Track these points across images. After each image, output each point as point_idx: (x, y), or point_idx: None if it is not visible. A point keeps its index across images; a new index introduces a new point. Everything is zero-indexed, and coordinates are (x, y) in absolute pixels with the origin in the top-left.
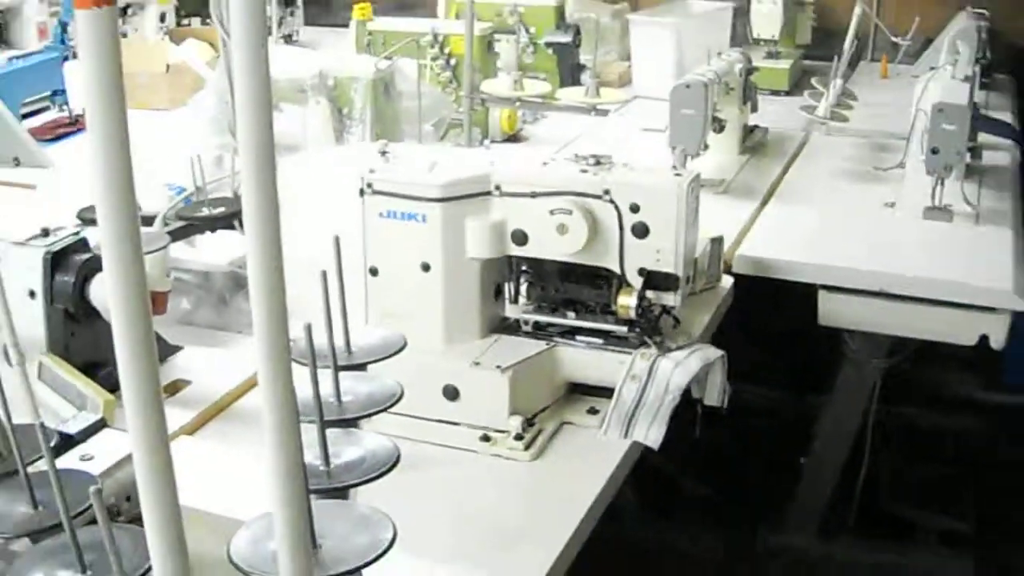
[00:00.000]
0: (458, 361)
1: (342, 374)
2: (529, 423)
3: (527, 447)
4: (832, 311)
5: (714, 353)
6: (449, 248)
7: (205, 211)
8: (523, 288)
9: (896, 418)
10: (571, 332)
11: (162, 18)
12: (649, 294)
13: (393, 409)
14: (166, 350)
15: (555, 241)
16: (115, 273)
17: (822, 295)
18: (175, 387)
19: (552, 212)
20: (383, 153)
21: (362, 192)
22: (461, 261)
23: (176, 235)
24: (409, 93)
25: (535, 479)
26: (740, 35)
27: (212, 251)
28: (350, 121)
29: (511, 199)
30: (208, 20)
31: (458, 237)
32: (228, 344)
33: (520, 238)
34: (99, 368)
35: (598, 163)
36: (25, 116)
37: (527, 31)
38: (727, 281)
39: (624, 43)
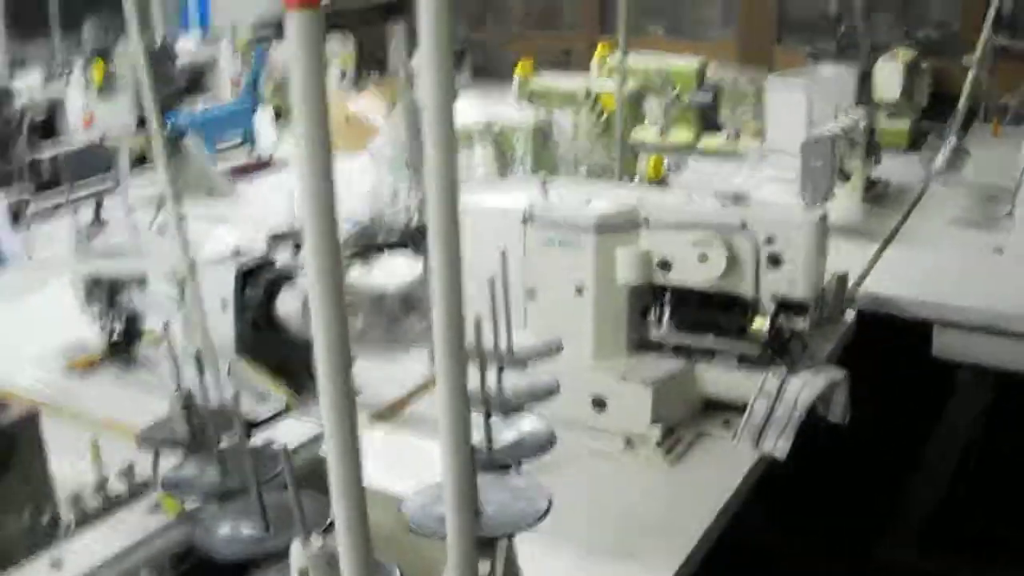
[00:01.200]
0: (606, 375)
1: (506, 370)
2: (669, 432)
3: (667, 454)
4: (946, 345)
5: (838, 373)
6: (601, 273)
7: (382, 237)
8: (667, 311)
9: (1001, 447)
10: (709, 352)
11: (343, 75)
12: (781, 318)
13: (546, 415)
14: None
15: (697, 269)
16: (319, 286)
17: (937, 330)
18: None
19: (694, 243)
20: (544, 186)
21: (525, 220)
22: (611, 285)
23: (357, 255)
24: (565, 142)
25: (673, 483)
26: (865, 97)
27: (385, 275)
28: (512, 165)
29: (658, 231)
30: (384, 73)
31: (609, 264)
32: (396, 359)
33: (665, 266)
34: (280, 371)
35: (737, 199)
36: (220, 155)
37: (672, 90)
38: (850, 315)
39: (758, 104)
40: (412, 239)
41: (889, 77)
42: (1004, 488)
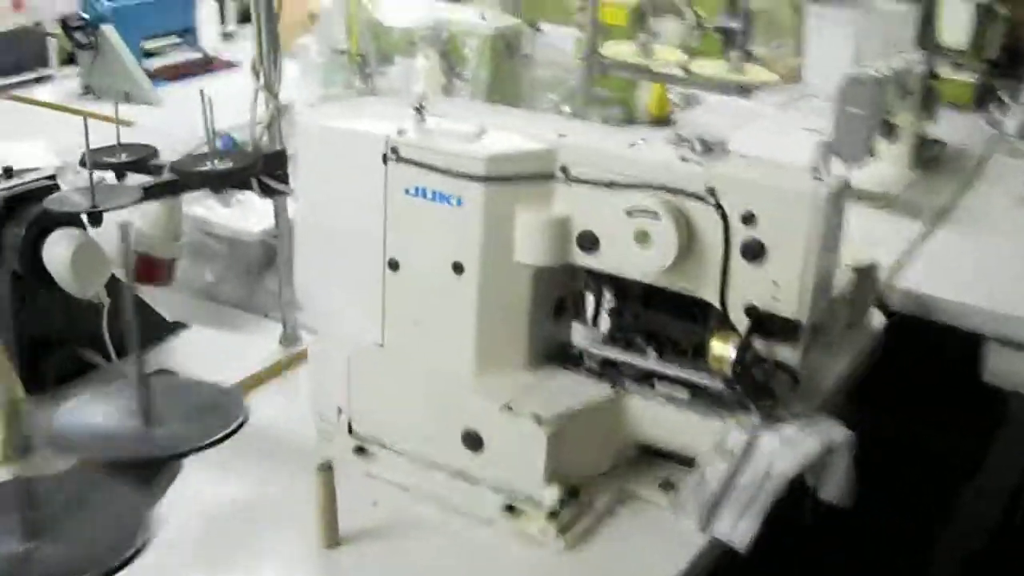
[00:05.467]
0: (488, 399)
1: None
2: (572, 494)
3: (564, 530)
4: (1001, 368)
5: (840, 434)
6: (491, 246)
7: (208, 165)
8: (599, 310)
9: None
10: (649, 377)
11: None
12: (757, 344)
13: (401, 447)
14: (162, 329)
15: (633, 253)
16: None
17: (992, 347)
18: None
19: (631, 213)
20: (419, 109)
21: (385, 159)
22: (507, 265)
23: (151, 193)
24: (543, 60)
25: (570, 573)
26: (926, 41)
27: (240, 216)
28: (462, 82)
29: (581, 188)
30: None
31: (505, 232)
32: (244, 329)
33: (589, 243)
34: (49, 349)
35: (706, 149)
36: (150, 55)
37: (693, 11)
38: (877, 319)
39: (801, 38)
40: (249, 170)
41: (956, 18)
42: None
